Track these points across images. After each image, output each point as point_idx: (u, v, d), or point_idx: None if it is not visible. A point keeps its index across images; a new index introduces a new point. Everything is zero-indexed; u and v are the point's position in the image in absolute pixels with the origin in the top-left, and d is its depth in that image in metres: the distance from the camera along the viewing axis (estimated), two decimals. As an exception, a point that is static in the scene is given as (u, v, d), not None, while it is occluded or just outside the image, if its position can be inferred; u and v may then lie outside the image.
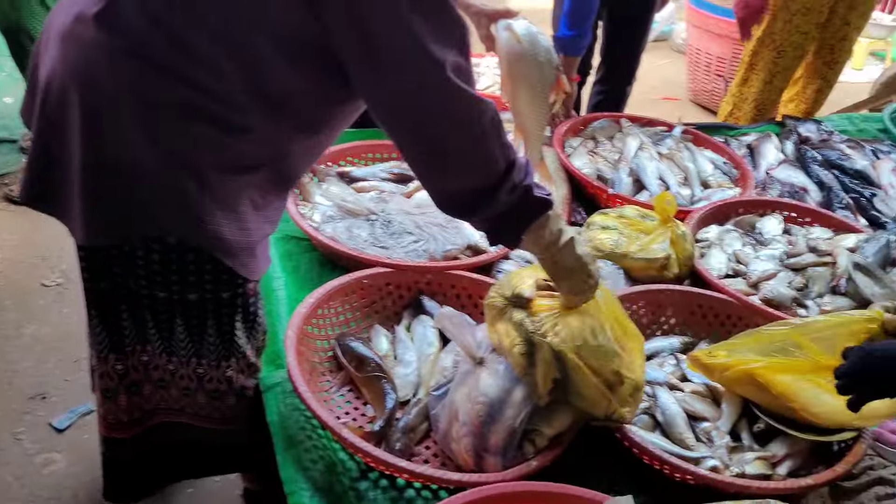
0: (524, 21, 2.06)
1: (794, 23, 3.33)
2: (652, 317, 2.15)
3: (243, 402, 1.73)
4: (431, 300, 2.08)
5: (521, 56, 2.04)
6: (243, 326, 1.61)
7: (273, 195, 1.51)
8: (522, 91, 2.07)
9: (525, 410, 1.62)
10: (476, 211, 1.45)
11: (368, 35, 1.27)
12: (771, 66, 3.47)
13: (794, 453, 1.75)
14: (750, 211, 2.66)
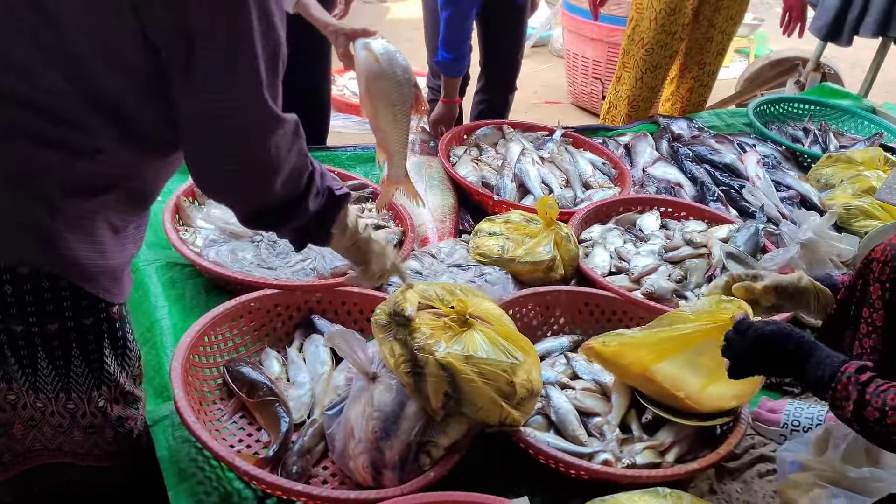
0: (382, 40, 2.09)
1: (660, 22, 3.47)
2: (541, 318, 2.20)
3: (123, 434, 1.66)
4: (322, 318, 2.06)
5: (380, 75, 2.07)
6: (112, 353, 1.54)
7: (131, 215, 1.47)
8: (383, 110, 2.10)
9: (420, 423, 1.63)
10: (286, 222, 1.47)
11: (192, 46, 1.23)
12: (640, 63, 3.60)
13: (681, 440, 1.82)
14: (629, 209, 2.76)
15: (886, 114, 3.86)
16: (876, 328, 1.68)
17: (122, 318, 1.56)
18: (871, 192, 2.86)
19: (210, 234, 2.26)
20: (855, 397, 1.38)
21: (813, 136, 3.58)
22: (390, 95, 2.08)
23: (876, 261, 1.67)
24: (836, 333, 1.78)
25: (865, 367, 1.42)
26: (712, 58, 3.67)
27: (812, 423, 1.94)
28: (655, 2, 3.45)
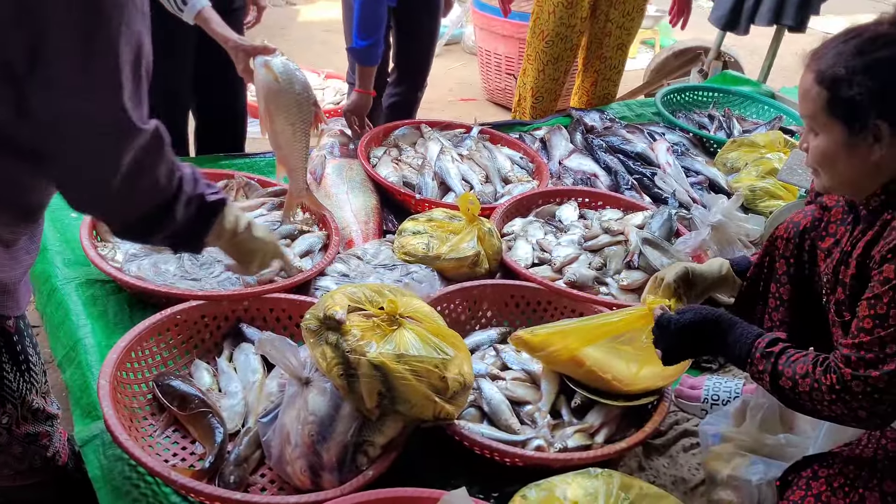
0: (281, 58, 2.12)
1: (558, 14, 3.55)
2: (469, 313, 2.24)
3: (35, 451, 1.62)
4: (251, 327, 2.05)
5: (279, 93, 2.11)
6: (12, 368, 1.51)
7: (22, 228, 1.42)
8: (282, 127, 2.14)
9: (355, 424, 1.65)
10: (156, 231, 1.43)
11: (46, 46, 1.14)
12: (542, 55, 3.67)
13: (609, 421, 1.89)
14: (548, 201, 2.84)
15: (784, 98, 4.05)
16: (783, 301, 1.78)
17: (21, 332, 1.51)
18: (774, 174, 3.01)
19: (130, 249, 2.22)
20: (769, 369, 1.46)
21: (718, 122, 3.74)
22: (290, 113, 2.14)
23: (780, 238, 1.77)
24: (747, 309, 1.88)
25: (777, 339, 1.51)
26: (612, 52, 3.74)
27: (730, 395, 2.04)
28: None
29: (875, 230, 1.47)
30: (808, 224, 1.72)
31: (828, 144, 1.46)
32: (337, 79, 4.82)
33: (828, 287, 1.60)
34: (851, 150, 1.44)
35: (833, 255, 1.59)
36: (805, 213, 1.75)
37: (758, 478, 1.73)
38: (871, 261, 1.44)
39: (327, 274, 2.27)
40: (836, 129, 1.44)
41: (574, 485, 1.55)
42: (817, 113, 1.45)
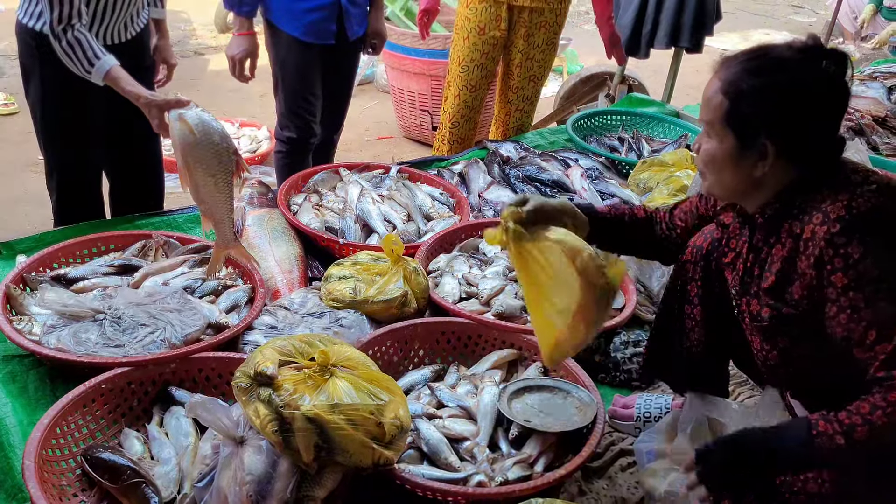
0: (196, 109, 2.10)
1: (471, 41, 3.62)
2: (401, 353, 2.25)
3: None
4: (180, 389, 2.02)
5: (197, 145, 2.08)
6: None
7: None
8: (203, 180, 2.10)
9: (294, 479, 1.63)
10: None
11: None
12: (458, 80, 3.73)
13: (547, 449, 1.92)
14: (471, 234, 2.87)
15: (688, 116, 4.22)
16: (698, 322, 1.85)
17: None
18: (684, 191, 3.11)
19: (48, 320, 2.16)
20: (840, 429, 1.38)
21: (628, 144, 3.86)
22: (209, 165, 2.10)
23: (688, 262, 1.84)
24: (666, 330, 1.94)
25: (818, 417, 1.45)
26: (523, 83, 3.81)
27: (661, 411, 2.09)
28: (468, 21, 3.60)
29: (788, 245, 1.52)
30: (708, 246, 1.79)
31: (718, 151, 1.54)
32: (251, 126, 4.80)
33: (737, 298, 1.67)
34: (738, 162, 1.52)
35: (737, 268, 1.66)
36: (704, 235, 1.82)
37: (693, 490, 1.78)
38: (797, 275, 1.49)
39: (255, 328, 2.25)
40: (728, 140, 1.51)
41: (518, 517, 1.57)
42: (715, 120, 1.52)
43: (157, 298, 2.24)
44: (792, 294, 1.52)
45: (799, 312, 1.52)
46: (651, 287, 2.65)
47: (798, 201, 1.52)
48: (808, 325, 1.51)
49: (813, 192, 1.50)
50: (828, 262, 1.43)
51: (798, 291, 1.51)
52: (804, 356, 1.56)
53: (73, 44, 2.27)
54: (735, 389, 2.25)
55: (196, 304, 2.26)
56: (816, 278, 1.46)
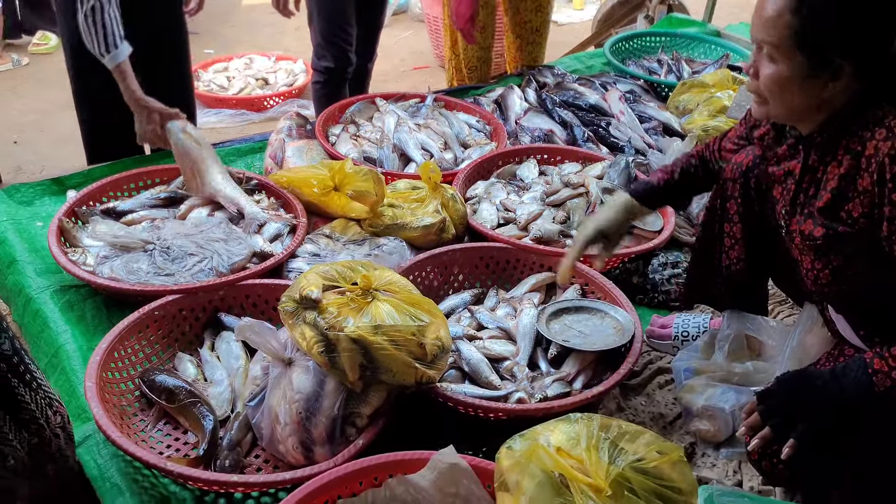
0: (188, 123, 2.54)
1: None
2: (441, 278, 2.29)
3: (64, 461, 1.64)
4: (229, 315, 2.09)
5: (204, 149, 2.51)
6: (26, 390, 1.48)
7: None
8: (214, 175, 2.49)
9: (341, 397, 1.70)
10: None
11: None
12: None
13: (585, 367, 1.96)
14: (508, 161, 2.88)
15: (730, 35, 4.11)
16: (738, 240, 1.85)
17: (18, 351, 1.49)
18: (725, 112, 3.07)
19: (100, 251, 2.24)
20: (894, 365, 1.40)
21: (667, 66, 3.79)
22: (216, 161, 2.53)
23: (728, 180, 1.83)
24: (706, 250, 1.95)
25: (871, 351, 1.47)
26: (531, 15, 3.72)
27: (699, 330, 2.11)
28: None
29: (847, 162, 1.48)
30: (749, 163, 1.77)
31: (785, 75, 1.44)
32: (287, 59, 4.80)
33: (786, 218, 1.66)
34: (808, 84, 1.44)
35: (788, 188, 1.64)
36: (746, 152, 1.80)
37: (730, 405, 1.81)
38: (856, 193, 1.46)
39: (298, 255, 2.30)
40: (797, 62, 1.42)
41: (556, 431, 1.60)
42: (782, 42, 1.42)
43: (204, 229, 2.30)
44: (850, 212, 1.48)
45: (855, 231, 1.48)
46: (689, 209, 2.64)
47: (858, 118, 1.46)
48: (864, 243, 1.48)
49: (874, 108, 1.44)
50: (890, 180, 1.39)
51: (856, 209, 1.47)
52: (857, 274, 1.53)
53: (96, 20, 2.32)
54: (774, 308, 2.26)
55: (241, 233, 2.32)
56: (878, 196, 1.42)
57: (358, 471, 1.56)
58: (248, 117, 4.25)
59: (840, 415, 1.48)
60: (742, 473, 1.79)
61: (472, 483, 1.55)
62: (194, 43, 3.13)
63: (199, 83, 4.39)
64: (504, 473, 1.47)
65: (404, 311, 1.77)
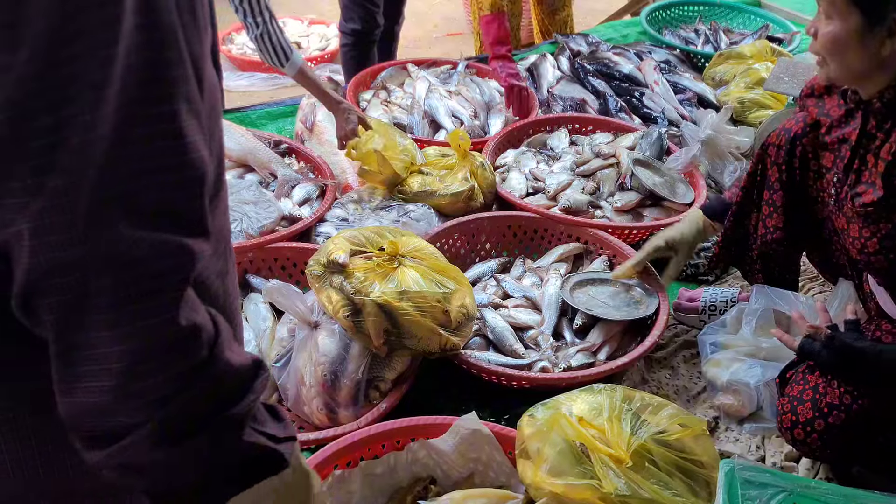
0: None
1: None
2: (468, 246, 2.29)
3: None
4: (257, 277, 2.11)
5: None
6: None
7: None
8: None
9: (365, 361, 1.71)
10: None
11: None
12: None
13: (611, 338, 1.96)
14: (539, 130, 2.85)
15: (770, 6, 4.02)
16: (777, 208, 1.83)
17: None
18: (762, 84, 3.01)
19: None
20: None
21: (704, 36, 3.72)
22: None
23: (772, 145, 1.80)
24: (742, 218, 1.92)
25: None
26: None
27: (727, 304, 2.09)
28: None
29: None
30: (799, 130, 1.74)
31: (840, 32, 1.45)
32: (320, 24, 4.78)
33: (837, 186, 1.63)
34: (863, 42, 1.44)
35: (842, 154, 1.61)
36: (797, 119, 1.77)
37: (756, 380, 1.80)
38: None
39: (327, 220, 2.32)
40: (852, 18, 1.43)
41: (579, 401, 1.61)
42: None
43: (234, 191, 2.32)
44: None
45: None
46: (722, 182, 2.61)
47: None
48: None
49: None
50: None
51: None
52: None
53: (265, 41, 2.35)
54: (805, 284, 2.23)
55: (271, 196, 2.34)
56: None
57: (381, 433, 1.58)
58: (279, 81, 4.23)
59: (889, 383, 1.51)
60: (765, 449, 1.78)
61: (494, 449, 1.56)
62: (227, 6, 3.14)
63: (231, 46, 4.39)
64: (525, 441, 1.48)
65: (430, 278, 1.78)
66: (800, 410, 1.59)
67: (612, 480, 1.37)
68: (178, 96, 0.67)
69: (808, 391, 1.60)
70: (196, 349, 0.70)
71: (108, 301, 0.65)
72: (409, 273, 1.77)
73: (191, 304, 0.69)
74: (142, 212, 0.65)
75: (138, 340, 0.66)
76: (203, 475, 0.73)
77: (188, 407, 0.70)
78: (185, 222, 0.68)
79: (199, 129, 0.69)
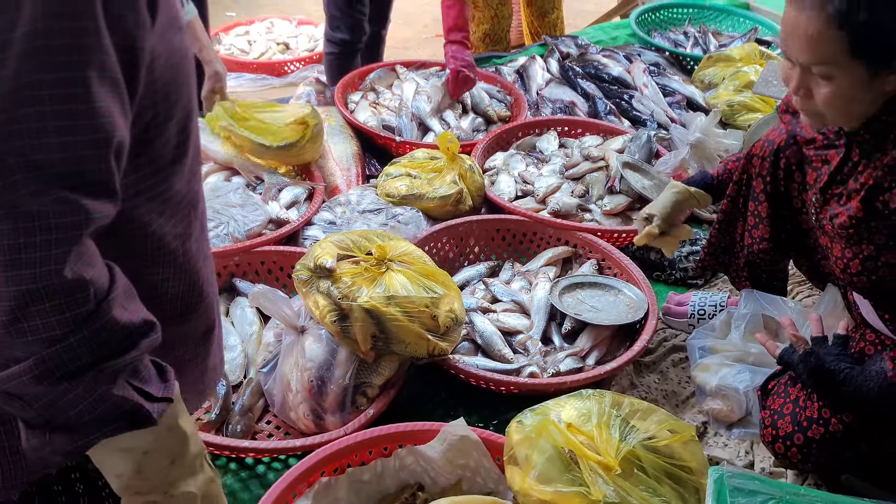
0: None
1: None
2: (457, 250, 2.28)
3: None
4: (244, 281, 2.09)
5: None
6: None
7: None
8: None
9: (352, 366, 1.70)
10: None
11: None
12: (487, 0, 3.56)
13: (599, 343, 1.95)
14: (528, 132, 2.85)
15: (759, 8, 4.02)
16: (762, 219, 1.82)
17: None
18: (751, 87, 3.01)
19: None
20: None
21: (693, 38, 3.72)
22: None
23: (756, 157, 1.80)
24: (729, 227, 1.92)
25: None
26: None
27: (716, 309, 2.09)
28: None
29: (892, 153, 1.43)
30: (782, 143, 1.73)
31: (845, 88, 1.36)
32: (309, 24, 4.76)
33: (816, 206, 1.61)
34: (870, 88, 1.37)
35: (822, 176, 1.59)
36: (779, 130, 1.76)
37: (745, 385, 1.80)
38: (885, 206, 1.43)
39: (314, 223, 2.30)
40: (856, 70, 1.34)
41: (567, 407, 1.60)
42: (837, 57, 1.33)
43: (221, 194, 2.30)
44: (886, 203, 1.44)
45: (891, 221, 1.45)
46: (711, 186, 2.60)
47: None
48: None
49: None
50: None
51: (894, 201, 1.43)
52: (888, 265, 1.50)
53: None
54: (793, 288, 2.23)
55: (258, 199, 2.32)
56: None
57: (368, 440, 1.56)
58: (268, 82, 4.22)
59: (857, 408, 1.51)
60: (754, 454, 1.78)
61: (482, 455, 1.55)
62: (215, 5, 3.12)
63: (220, 47, 4.37)
64: (514, 447, 1.47)
65: (418, 283, 1.76)
66: (780, 424, 1.59)
67: (601, 487, 1.36)
68: (90, 63, 0.72)
69: (788, 405, 1.60)
70: (81, 301, 0.77)
71: (3, 245, 0.72)
72: (396, 277, 1.75)
73: (85, 258, 0.76)
74: (45, 168, 0.71)
75: (26, 284, 0.74)
76: (75, 417, 0.81)
77: (70, 352, 0.78)
78: (88, 182, 0.74)
79: (114, 96, 0.75)
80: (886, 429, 1.52)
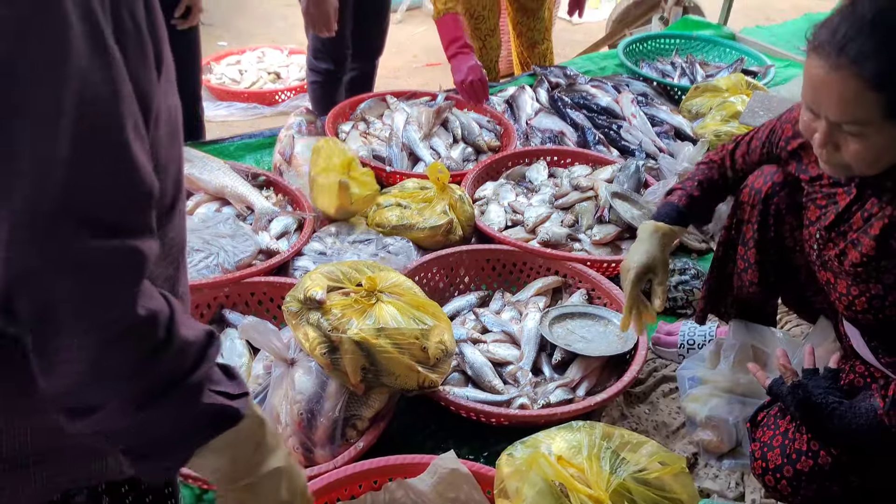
0: None
1: None
2: (447, 280, 2.29)
3: None
4: (234, 312, 2.09)
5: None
6: None
7: None
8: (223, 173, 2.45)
9: (342, 399, 1.69)
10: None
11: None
12: (476, 32, 3.57)
13: (589, 374, 1.95)
14: (517, 162, 2.87)
15: (745, 38, 4.08)
16: (751, 264, 1.83)
17: None
18: (738, 117, 3.04)
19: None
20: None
21: (681, 69, 3.76)
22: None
23: (745, 204, 1.80)
24: (721, 269, 1.92)
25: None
26: (538, 12, 3.67)
27: (705, 339, 2.10)
28: None
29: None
30: (769, 190, 1.73)
31: (880, 144, 1.33)
32: (300, 53, 4.79)
33: (819, 241, 1.60)
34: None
35: (827, 212, 1.58)
36: (764, 176, 1.75)
37: (734, 416, 1.80)
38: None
39: (304, 254, 2.30)
40: (891, 130, 1.31)
41: (558, 439, 1.60)
42: (872, 118, 1.30)
43: (211, 225, 2.30)
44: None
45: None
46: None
47: None
48: None
49: None
50: None
51: None
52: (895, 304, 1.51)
53: None
54: (782, 318, 2.24)
55: (248, 230, 2.32)
56: None
57: (358, 473, 1.55)
58: (259, 111, 4.24)
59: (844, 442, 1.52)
60: (745, 486, 1.78)
61: (473, 489, 1.54)
62: (207, 34, 3.14)
63: (211, 76, 4.39)
64: (504, 480, 1.46)
65: (408, 314, 1.76)
66: (769, 456, 1.59)
67: (592, 521, 1.36)
68: (127, 126, 0.78)
69: (777, 437, 1.60)
70: (154, 332, 0.82)
71: (74, 301, 0.76)
72: (386, 309, 1.75)
73: (147, 293, 0.81)
74: (98, 224, 0.76)
75: (104, 331, 0.78)
76: (170, 434, 0.88)
77: (152, 380, 0.83)
78: (135, 229, 0.80)
79: (144, 150, 0.81)
80: (875, 463, 1.53)
